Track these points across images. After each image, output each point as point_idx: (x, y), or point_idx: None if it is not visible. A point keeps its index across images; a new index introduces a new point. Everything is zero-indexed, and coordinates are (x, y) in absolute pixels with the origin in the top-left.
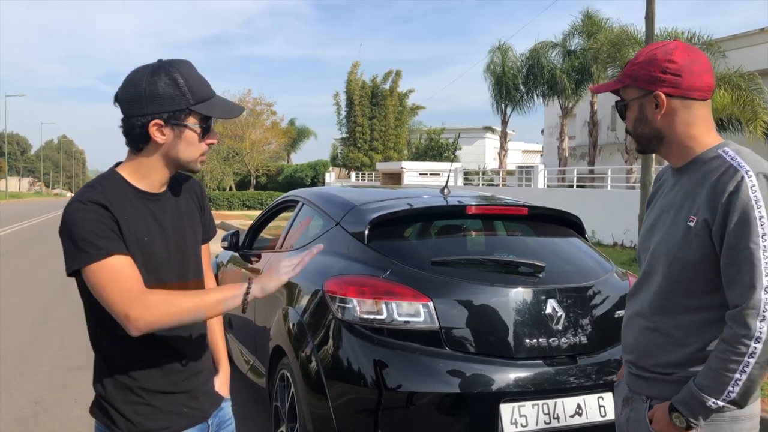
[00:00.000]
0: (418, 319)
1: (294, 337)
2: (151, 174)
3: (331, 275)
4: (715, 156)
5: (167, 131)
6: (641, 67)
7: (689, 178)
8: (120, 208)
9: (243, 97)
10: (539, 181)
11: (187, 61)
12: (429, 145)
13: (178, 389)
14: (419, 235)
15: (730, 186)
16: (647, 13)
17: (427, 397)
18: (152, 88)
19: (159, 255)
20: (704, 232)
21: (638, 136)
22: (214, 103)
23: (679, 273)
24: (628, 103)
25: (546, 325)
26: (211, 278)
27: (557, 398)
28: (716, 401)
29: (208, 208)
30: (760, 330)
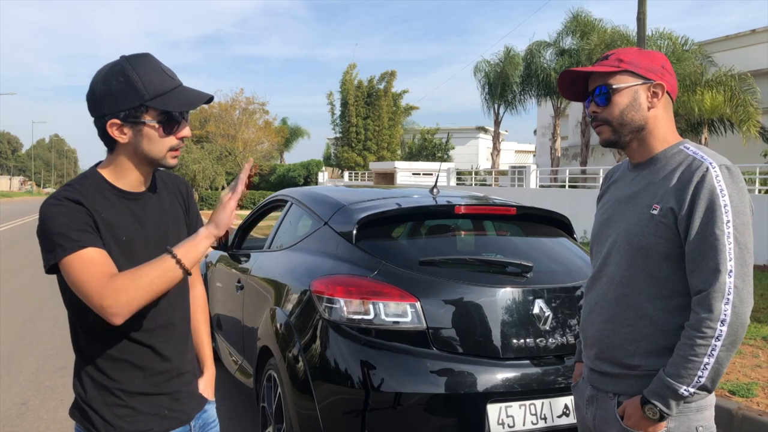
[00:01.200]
0: (406, 320)
1: (281, 338)
2: (127, 173)
3: (318, 275)
4: (677, 151)
5: (127, 130)
6: (641, 58)
7: (650, 172)
8: (98, 207)
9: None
10: (531, 181)
11: (147, 55)
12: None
13: (159, 391)
14: (407, 235)
15: (696, 176)
16: (639, 14)
17: (414, 398)
18: (106, 88)
19: (139, 255)
20: (669, 220)
21: (623, 125)
22: (173, 96)
23: (643, 260)
24: (620, 89)
25: (533, 326)
26: (198, 279)
27: (545, 398)
28: (688, 388)
29: (195, 208)
30: (725, 312)
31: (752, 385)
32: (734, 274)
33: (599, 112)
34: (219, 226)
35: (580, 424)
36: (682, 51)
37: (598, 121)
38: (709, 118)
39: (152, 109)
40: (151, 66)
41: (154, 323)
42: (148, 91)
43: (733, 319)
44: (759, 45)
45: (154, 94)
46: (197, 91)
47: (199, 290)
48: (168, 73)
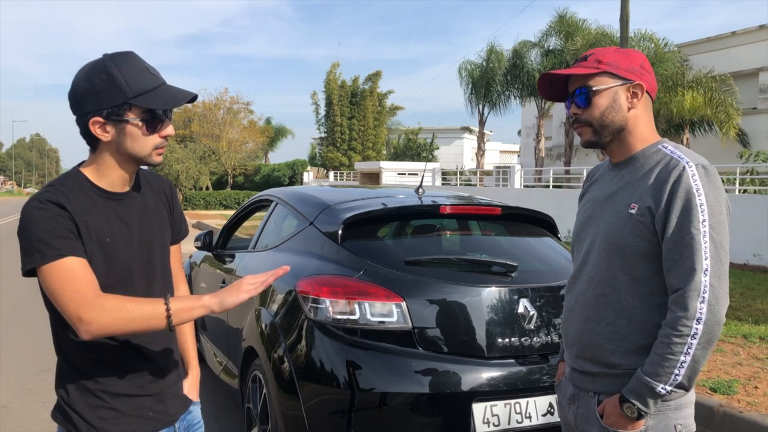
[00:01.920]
0: (391, 319)
1: (266, 338)
2: (110, 172)
3: (303, 275)
4: (655, 150)
5: (110, 128)
6: (620, 58)
7: (629, 171)
8: (80, 208)
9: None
10: (516, 181)
11: (130, 53)
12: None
13: (143, 392)
14: (393, 235)
15: (673, 175)
16: (622, 15)
17: (399, 398)
18: (88, 86)
19: (123, 256)
20: (646, 219)
21: (603, 126)
22: (156, 94)
23: (621, 259)
24: (600, 91)
25: (518, 325)
26: (182, 280)
27: (529, 397)
28: (665, 386)
29: (179, 208)
30: (701, 311)
31: (733, 383)
32: (710, 272)
33: (580, 113)
34: (222, 305)
35: (563, 422)
36: (663, 52)
37: (579, 123)
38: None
39: (135, 107)
40: (135, 64)
41: None
42: (132, 89)
43: (709, 318)
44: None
45: (138, 92)
46: (181, 89)
47: (183, 290)
48: (152, 72)
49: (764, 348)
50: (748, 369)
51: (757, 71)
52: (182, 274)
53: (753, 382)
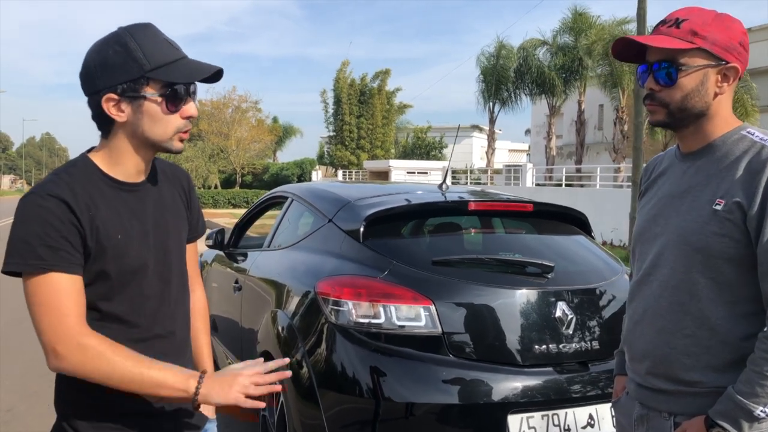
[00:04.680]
0: (419, 324)
1: (283, 342)
2: (123, 159)
3: (323, 275)
4: (739, 137)
5: (125, 106)
6: (719, 31)
7: (708, 161)
8: (86, 202)
9: (227, 95)
10: (527, 180)
11: (148, 24)
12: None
13: (155, 411)
14: (418, 233)
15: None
16: (639, 10)
17: (428, 408)
18: (101, 59)
19: (135, 255)
20: (735, 216)
21: (683, 110)
22: (177, 67)
23: (702, 262)
24: (690, 71)
25: (555, 330)
26: (199, 283)
27: (568, 408)
28: (765, 409)
29: (197, 203)
30: None
31: None
32: None
33: (657, 90)
34: (207, 399)
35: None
36: None
37: (653, 101)
38: None
39: (154, 81)
40: (153, 35)
41: (152, 332)
42: (150, 61)
43: None
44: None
45: (156, 65)
46: (203, 63)
47: (199, 294)
48: (172, 44)
49: None
50: None
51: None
52: (198, 276)
53: None
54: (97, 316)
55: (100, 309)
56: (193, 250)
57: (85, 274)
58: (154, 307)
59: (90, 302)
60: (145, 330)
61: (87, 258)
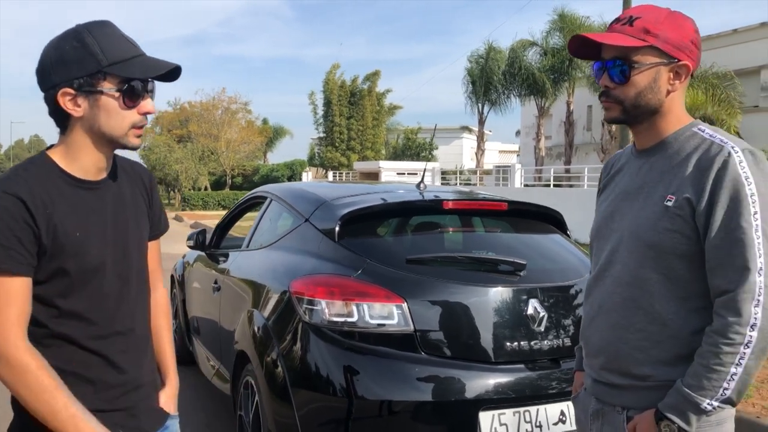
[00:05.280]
0: (392, 322)
1: (259, 342)
2: (81, 156)
3: (298, 275)
4: (691, 134)
5: (81, 101)
6: (671, 29)
7: (661, 158)
8: (43, 200)
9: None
10: (516, 180)
11: (106, 21)
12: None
13: (112, 407)
14: (393, 232)
15: (717, 162)
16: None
17: (400, 406)
18: (58, 54)
19: (94, 253)
20: (685, 212)
21: (637, 107)
22: (135, 63)
23: (654, 258)
24: (642, 69)
25: (528, 327)
26: (160, 280)
27: (540, 405)
28: (711, 402)
29: (158, 200)
30: (755, 316)
31: None
32: (764, 272)
33: (612, 88)
34: None
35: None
36: None
37: (608, 98)
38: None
39: (111, 76)
40: (111, 31)
41: (111, 329)
42: (107, 56)
43: (765, 323)
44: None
45: (114, 60)
46: (161, 60)
47: (161, 292)
48: (130, 41)
49: None
50: (762, 371)
51: (759, 69)
52: (160, 273)
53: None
54: (55, 313)
55: (58, 306)
56: (155, 248)
57: (41, 272)
58: (113, 305)
59: (48, 299)
60: (104, 327)
61: (43, 256)
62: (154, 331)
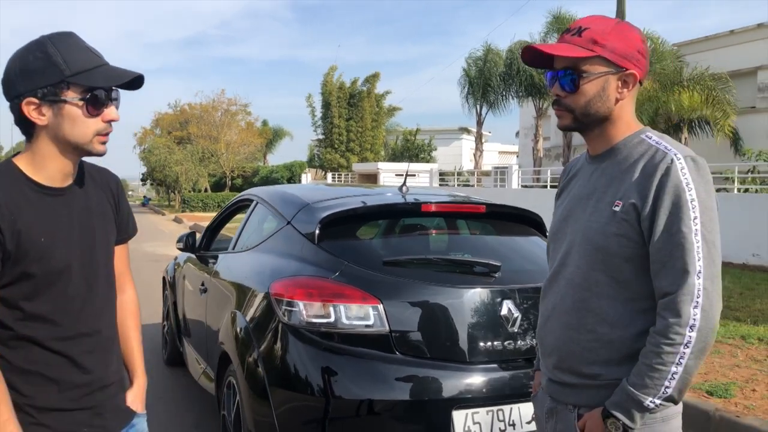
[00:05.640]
0: (368, 323)
1: (240, 342)
2: (47, 164)
3: (279, 277)
4: (638, 141)
5: (45, 110)
6: (618, 40)
7: (611, 164)
8: (9, 206)
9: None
10: (513, 182)
11: (69, 33)
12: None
13: (76, 406)
14: (372, 235)
15: (660, 169)
16: (617, 14)
17: (375, 405)
18: (22, 65)
19: (59, 257)
20: (631, 217)
21: (587, 115)
22: (98, 72)
23: (603, 261)
24: (590, 78)
25: (502, 328)
26: (129, 282)
27: (513, 404)
28: (653, 399)
29: (126, 205)
30: (694, 317)
31: (730, 386)
32: (703, 275)
33: (563, 96)
34: None
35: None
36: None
37: (560, 107)
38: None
39: (75, 85)
40: (74, 42)
41: (76, 330)
42: (70, 66)
43: (703, 324)
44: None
45: (77, 71)
46: (124, 69)
47: (130, 294)
48: (93, 51)
49: (763, 349)
50: (746, 371)
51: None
52: (129, 275)
53: (750, 385)
54: (20, 315)
55: (23, 308)
56: (123, 252)
57: (6, 276)
58: (78, 307)
59: (13, 302)
60: (69, 329)
61: (7, 261)
62: (121, 331)
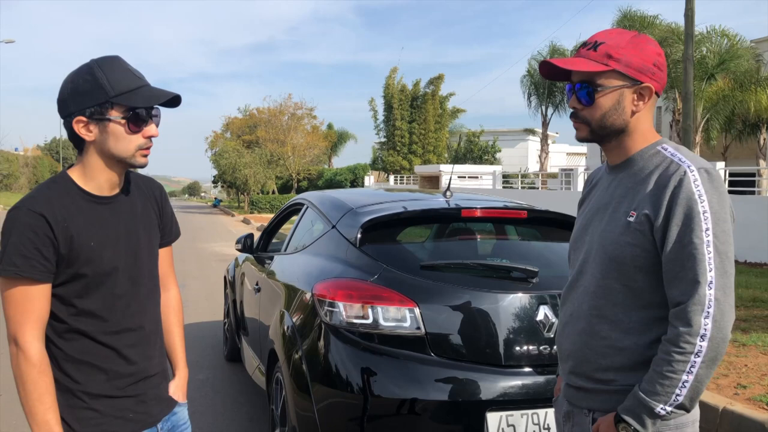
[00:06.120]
0: (404, 325)
1: (287, 340)
2: (96, 175)
3: (322, 279)
4: (654, 152)
5: (93, 127)
6: (633, 54)
7: (627, 175)
8: (62, 214)
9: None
10: (579, 184)
11: (115, 57)
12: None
13: (123, 394)
14: (412, 239)
15: (673, 181)
16: (686, 10)
17: (410, 404)
18: (73, 87)
19: (107, 259)
20: (644, 227)
21: (603, 127)
22: (138, 93)
23: (618, 270)
24: (606, 91)
25: (537, 333)
26: (173, 282)
27: (548, 408)
28: (664, 407)
29: (170, 211)
30: (705, 327)
31: None
32: (714, 285)
33: (580, 109)
34: None
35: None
36: (737, 49)
37: (577, 119)
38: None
39: (118, 105)
40: (118, 66)
41: (122, 326)
42: (114, 88)
43: (715, 334)
44: None
45: (120, 92)
46: (163, 89)
47: (173, 293)
48: (135, 73)
49: None
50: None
51: None
52: (173, 276)
53: None
54: (73, 311)
55: (75, 305)
56: (167, 254)
57: (61, 276)
58: (123, 305)
59: (67, 299)
60: (116, 324)
61: (61, 263)
62: (165, 327)
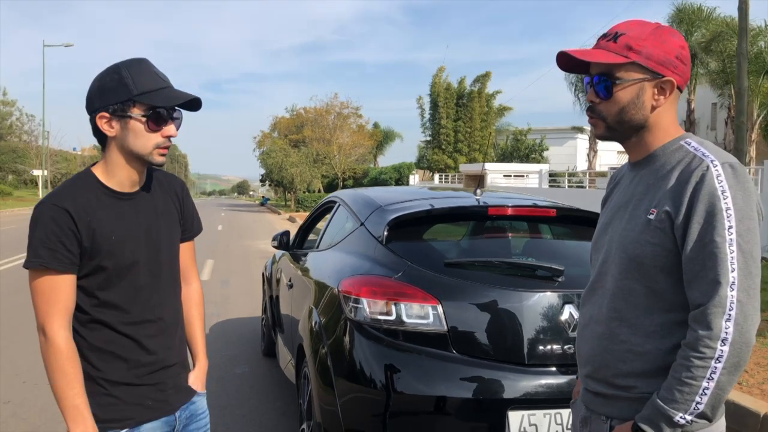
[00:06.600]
0: (427, 321)
1: (314, 336)
2: (118, 171)
3: (348, 275)
4: (677, 147)
5: (114, 123)
6: (655, 46)
7: (649, 171)
8: (85, 209)
9: (330, 101)
10: None
11: (142, 59)
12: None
13: (142, 382)
14: (437, 237)
15: (695, 176)
16: (740, 3)
17: (432, 401)
18: (100, 85)
19: (128, 253)
20: (665, 225)
21: (622, 122)
22: (160, 93)
23: (638, 270)
24: (625, 85)
25: (562, 332)
26: (194, 275)
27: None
28: (684, 416)
29: (191, 207)
30: (726, 331)
31: None
32: (737, 286)
33: (597, 103)
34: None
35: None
36: None
37: (594, 114)
38: None
39: (140, 104)
40: (144, 67)
41: (143, 317)
42: (137, 87)
43: (737, 338)
44: None
45: (142, 91)
46: (184, 92)
47: (195, 286)
48: (159, 75)
49: None
50: None
51: None
52: (194, 269)
53: None
54: (95, 302)
55: (98, 296)
56: (189, 248)
57: (84, 268)
58: (144, 297)
59: (90, 290)
60: (137, 315)
61: (84, 255)
62: (186, 319)
